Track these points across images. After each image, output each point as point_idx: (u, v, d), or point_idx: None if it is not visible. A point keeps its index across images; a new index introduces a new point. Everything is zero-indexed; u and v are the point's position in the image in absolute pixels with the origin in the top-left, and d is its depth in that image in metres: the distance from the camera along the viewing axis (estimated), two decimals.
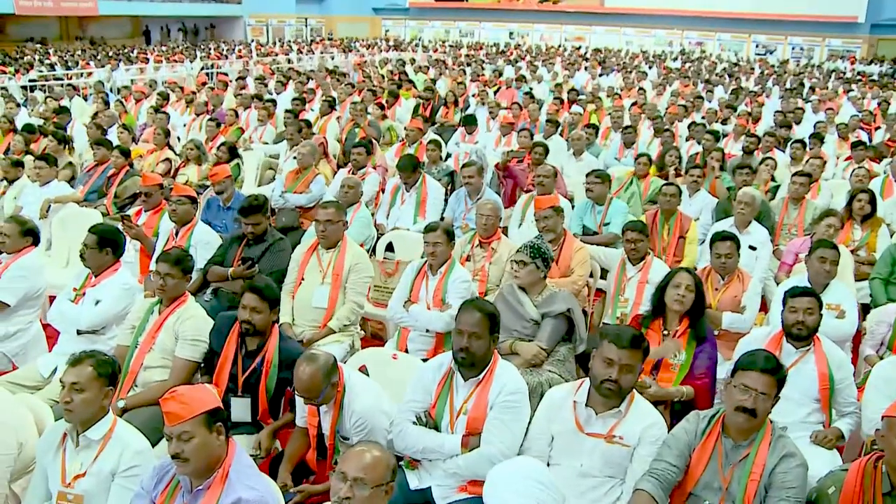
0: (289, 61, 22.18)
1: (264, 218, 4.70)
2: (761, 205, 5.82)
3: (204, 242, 4.89)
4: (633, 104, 12.12)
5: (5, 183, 6.58)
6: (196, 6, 31.88)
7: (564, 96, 12.65)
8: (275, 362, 3.48)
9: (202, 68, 19.11)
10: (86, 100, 12.46)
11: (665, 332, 3.74)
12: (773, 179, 7.38)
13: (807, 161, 7.37)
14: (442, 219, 6.14)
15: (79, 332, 3.95)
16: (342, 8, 37.60)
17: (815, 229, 5.36)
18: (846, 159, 8.71)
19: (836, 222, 5.32)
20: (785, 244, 5.99)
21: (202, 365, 3.68)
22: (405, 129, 8.12)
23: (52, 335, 4.40)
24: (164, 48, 26.37)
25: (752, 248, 5.45)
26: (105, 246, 4.04)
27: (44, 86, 14.34)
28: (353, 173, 6.63)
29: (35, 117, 10.09)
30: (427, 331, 4.19)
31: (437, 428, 3.04)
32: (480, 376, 3.02)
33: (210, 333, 3.66)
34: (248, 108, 10.40)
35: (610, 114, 9.90)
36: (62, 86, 13.80)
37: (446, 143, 9.03)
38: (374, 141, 7.98)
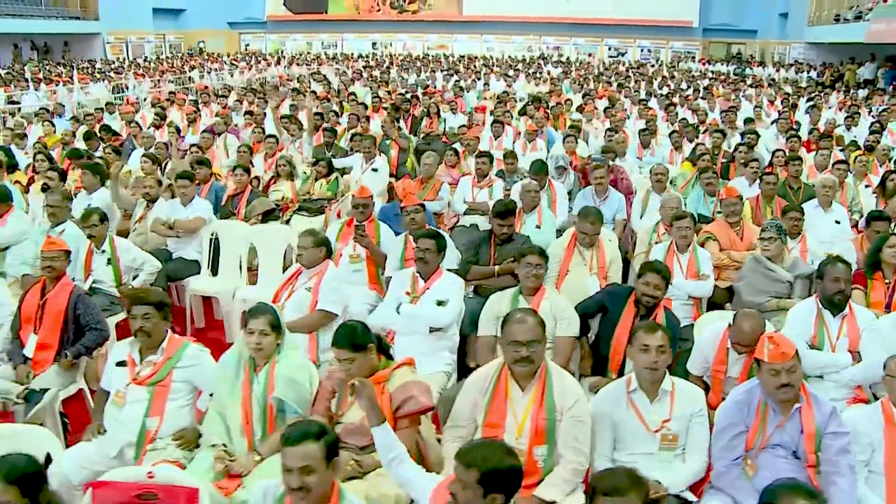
0: (190, 80, 21.69)
1: (515, 219, 5.31)
2: (807, 189, 7.12)
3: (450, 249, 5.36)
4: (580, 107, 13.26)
5: (144, 205, 6.56)
6: (49, 23, 29.60)
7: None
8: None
9: (114, 90, 18.38)
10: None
11: (887, 282, 4.83)
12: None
13: (817, 152, 8.75)
14: None
15: (431, 331, 4.39)
16: (199, 23, 36.49)
17: (891, 204, 6.66)
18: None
19: None
20: None
21: None
22: (464, 140, 8.77)
23: None
24: (13, 68, 24.48)
25: (837, 222, 6.69)
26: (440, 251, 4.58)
27: None
28: (478, 181, 7.23)
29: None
30: (689, 298, 5.07)
31: None
32: (846, 311, 4.09)
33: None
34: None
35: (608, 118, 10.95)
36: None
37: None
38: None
